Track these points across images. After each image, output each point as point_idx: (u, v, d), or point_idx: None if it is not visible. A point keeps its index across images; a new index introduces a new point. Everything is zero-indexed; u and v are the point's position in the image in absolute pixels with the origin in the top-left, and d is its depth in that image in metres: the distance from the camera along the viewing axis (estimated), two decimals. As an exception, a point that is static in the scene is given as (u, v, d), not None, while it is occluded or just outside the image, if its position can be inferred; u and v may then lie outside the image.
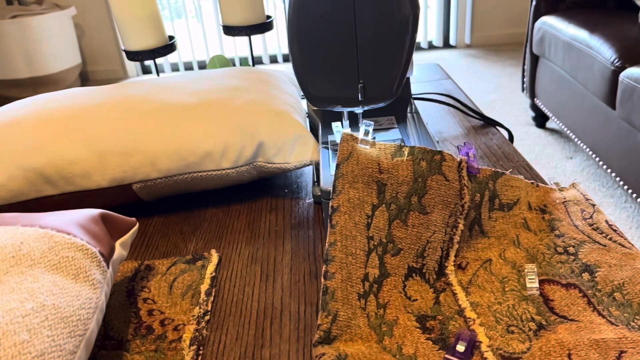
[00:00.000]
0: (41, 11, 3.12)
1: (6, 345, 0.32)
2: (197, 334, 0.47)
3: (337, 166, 0.51)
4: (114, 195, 0.64)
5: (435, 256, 0.51)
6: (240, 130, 0.64)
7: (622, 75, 1.65)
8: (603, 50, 1.77)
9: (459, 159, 0.54)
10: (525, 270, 0.49)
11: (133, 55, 0.90)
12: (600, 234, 0.51)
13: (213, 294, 0.53)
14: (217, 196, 0.70)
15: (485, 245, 0.53)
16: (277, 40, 3.69)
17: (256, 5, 0.95)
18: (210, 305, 0.51)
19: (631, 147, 1.68)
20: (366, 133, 0.53)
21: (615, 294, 0.45)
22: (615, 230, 0.51)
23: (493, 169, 0.56)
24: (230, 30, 0.97)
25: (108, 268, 0.44)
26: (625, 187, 1.75)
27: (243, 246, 0.60)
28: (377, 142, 0.54)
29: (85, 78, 3.68)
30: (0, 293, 0.35)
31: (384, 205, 0.50)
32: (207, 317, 0.50)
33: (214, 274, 0.55)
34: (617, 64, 1.69)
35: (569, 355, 0.40)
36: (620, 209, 1.84)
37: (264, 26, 0.97)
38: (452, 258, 0.51)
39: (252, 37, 0.99)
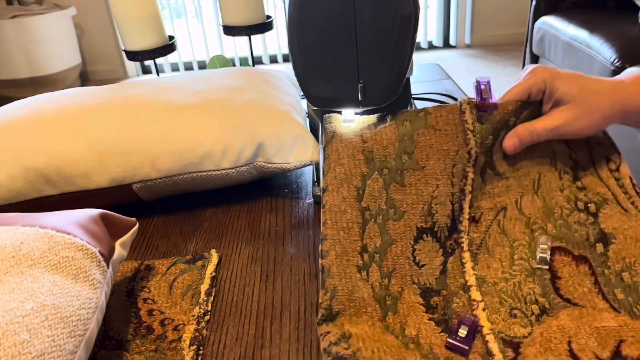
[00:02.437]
0: (41, 11, 3.12)
1: (6, 345, 0.32)
2: (197, 334, 0.47)
3: (323, 149, 0.51)
4: (114, 195, 0.64)
5: (446, 211, 0.49)
6: (240, 130, 0.64)
7: (622, 75, 1.65)
8: (603, 50, 1.77)
9: (459, 102, 0.50)
10: (540, 245, 0.47)
11: (133, 55, 0.90)
12: (624, 193, 0.48)
13: (213, 294, 0.53)
14: (217, 196, 0.70)
15: (503, 189, 0.50)
16: (277, 40, 3.69)
17: (256, 5, 0.95)
18: (210, 305, 0.51)
19: (631, 147, 1.68)
20: (349, 113, 0.53)
21: (623, 274, 0.44)
22: (638, 193, 0.48)
23: (518, 102, 0.49)
24: (230, 30, 0.96)
25: (108, 268, 0.44)
26: (625, 187, 1.74)
27: (243, 246, 0.60)
28: (358, 117, 0.53)
29: (85, 78, 3.68)
30: (0, 293, 0.35)
31: (376, 172, 0.49)
32: (207, 317, 0.50)
33: (214, 274, 0.55)
34: (617, 64, 1.69)
35: (569, 342, 0.40)
36: (620, 209, 1.84)
37: (264, 26, 0.97)
38: (466, 210, 0.49)
39: (252, 37, 0.99)
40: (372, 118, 0.52)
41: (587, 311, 0.43)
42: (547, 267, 0.46)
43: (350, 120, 0.52)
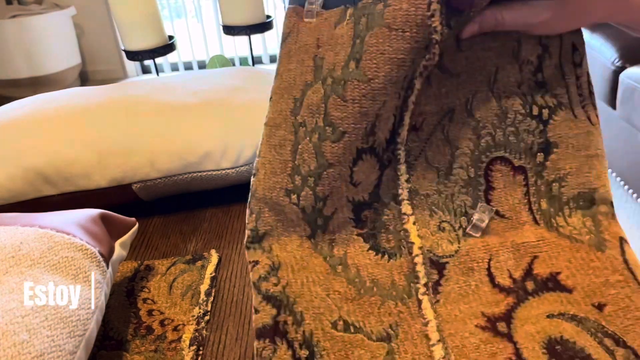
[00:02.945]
0: (41, 11, 3.12)
1: (6, 345, 0.32)
2: (196, 334, 0.47)
3: (280, 47, 0.44)
4: (113, 195, 0.64)
5: (388, 125, 0.42)
6: (240, 130, 0.64)
7: (623, 75, 1.65)
8: (603, 50, 1.77)
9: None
10: (477, 210, 0.44)
11: (133, 55, 0.90)
12: (579, 95, 0.43)
13: (213, 294, 0.53)
14: (217, 196, 0.70)
15: (452, 88, 0.43)
16: (277, 40, 3.69)
17: (256, 5, 0.95)
18: (210, 305, 0.51)
19: (631, 147, 1.68)
20: (310, 2, 0.42)
21: (554, 184, 0.43)
22: (591, 93, 0.44)
23: None
24: (230, 30, 0.97)
25: (108, 268, 0.44)
26: (626, 187, 1.75)
27: (243, 246, 0.60)
28: (323, 11, 0.43)
29: (85, 78, 3.68)
30: (0, 293, 0.35)
31: (320, 82, 0.41)
32: (207, 317, 0.49)
33: (213, 274, 0.55)
34: (617, 64, 1.69)
35: (490, 260, 0.42)
36: (620, 209, 1.84)
37: (264, 26, 0.97)
38: (407, 122, 0.42)
39: (252, 36, 0.99)
40: (335, 14, 0.42)
41: (511, 224, 0.43)
42: (478, 234, 0.43)
43: (312, 14, 0.42)
